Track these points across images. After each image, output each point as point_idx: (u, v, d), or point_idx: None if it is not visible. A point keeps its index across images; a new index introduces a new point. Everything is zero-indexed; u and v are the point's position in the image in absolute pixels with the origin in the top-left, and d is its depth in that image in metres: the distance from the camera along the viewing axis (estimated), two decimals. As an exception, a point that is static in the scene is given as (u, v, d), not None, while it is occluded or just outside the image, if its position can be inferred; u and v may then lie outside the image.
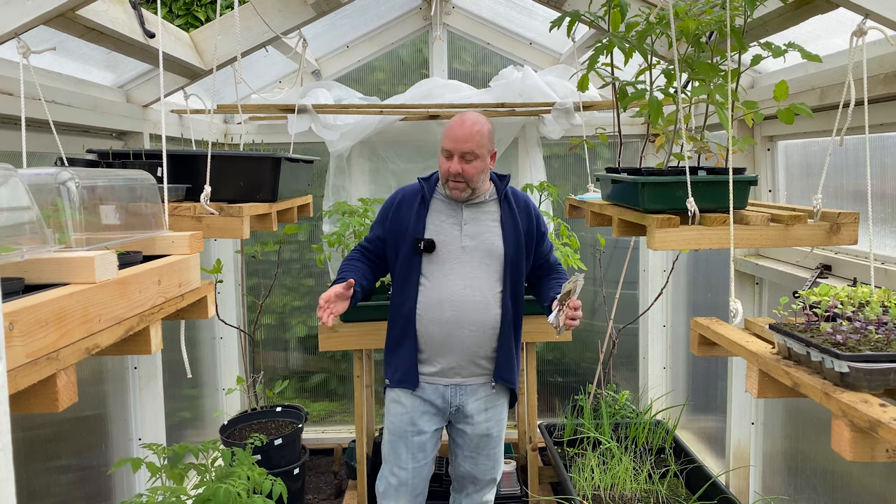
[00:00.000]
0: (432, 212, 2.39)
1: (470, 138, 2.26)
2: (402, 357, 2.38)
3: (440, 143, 2.32)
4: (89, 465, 2.65)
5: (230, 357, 4.10)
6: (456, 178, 2.29)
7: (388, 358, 2.45)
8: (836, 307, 1.45)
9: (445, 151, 2.29)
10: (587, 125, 3.67)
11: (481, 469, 2.48)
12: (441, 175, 2.35)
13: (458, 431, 2.46)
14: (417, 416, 2.39)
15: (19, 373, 1.02)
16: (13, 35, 1.81)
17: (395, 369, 2.41)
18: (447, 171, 2.29)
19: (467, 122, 2.28)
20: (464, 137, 2.26)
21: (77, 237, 1.36)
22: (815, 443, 2.53)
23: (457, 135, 2.27)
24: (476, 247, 2.34)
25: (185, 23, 4.92)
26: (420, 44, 4.14)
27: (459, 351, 2.34)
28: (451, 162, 2.28)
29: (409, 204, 2.40)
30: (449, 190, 2.34)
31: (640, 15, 2.14)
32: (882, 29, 1.63)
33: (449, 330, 2.31)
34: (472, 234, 2.35)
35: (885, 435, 1.08)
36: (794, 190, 2.75)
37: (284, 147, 3.64)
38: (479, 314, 2.31)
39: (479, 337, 2.33)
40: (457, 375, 2.36)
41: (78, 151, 2.41)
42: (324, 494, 3.77)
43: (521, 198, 2.47)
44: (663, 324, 4.04)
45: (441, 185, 2.41)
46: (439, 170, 2.36)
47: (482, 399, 2.40)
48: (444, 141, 2.29)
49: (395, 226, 2.39)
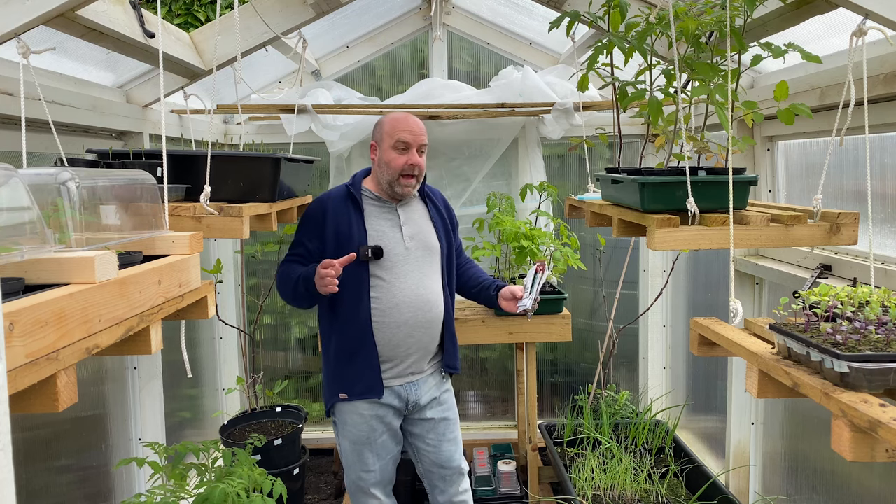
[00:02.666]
0: (368, 216, 2.35)
1: (423, 131, 2.31)
2: (362, 367, 2.33)
3: (389, 138, 2.28)
4: (89, 466, 2.65)
5: (230, 357, 4.10)
6: (413, 173, 2.29)
7: (340, 371, 2.37)
8: (836, 307, 1.45)
9: (402, 144, 2.26)
10: (587, 125, 3.67)
11: (445, 455, 2.49)
12: (392, 170, 2.29)
13: (416, 423, 2.47)
14: (377, 422, 2.38)
15: (19, 373, 1.02)
16: (13, 35, 1.81)
17: (353, 381, 2.35)
18: (405, 164, 2.27)
19: (412, 117, 2.31)
20: (420, 130, 2.29)
21: (77, 237, 1.36)
22: (815, 443, 2.53)
23: (414, 127, 2.28)
24: (417, 246, 2.36)
25: (185, 23, 4.92)
26: (420, 44, 4.14)
27: (416, 349, 2.37)
28: (410, 154, 2.27)
29: (341, 211, 2.34)
30: (401, 186, 2.31)
31: (639, 15, 2.14)
32: (882, 29, 1.63)
33: (407, 331, 2.33)
34: (411, 234, 2.36)
35: (885, 435, 1.08)
36: (794, 190, 2.75)
37: (284, 147, 3.65)
38: (432, 311, 2.36)
39: (432, 332, 2.39)
40: (411, 374, 2.39)
41: (78, 151, 2.41)
42: (324, 494, 3.77)
43: (436, 192, 2.55)
44: (663, 324, 4.04)
45: (379, 185, 2.36)
46: (389, 165, 2.29)
47: (434, 386, 2.46)
48: (400, 133, 2.26)
49: (333, 236, 2.32)
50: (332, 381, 2.40)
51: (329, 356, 2.41)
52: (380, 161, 2.34)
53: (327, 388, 2.43)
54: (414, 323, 2.33)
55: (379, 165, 2.34)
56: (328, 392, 2.43)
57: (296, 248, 2.40)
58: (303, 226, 2.41)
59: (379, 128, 2.35)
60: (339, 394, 2.38)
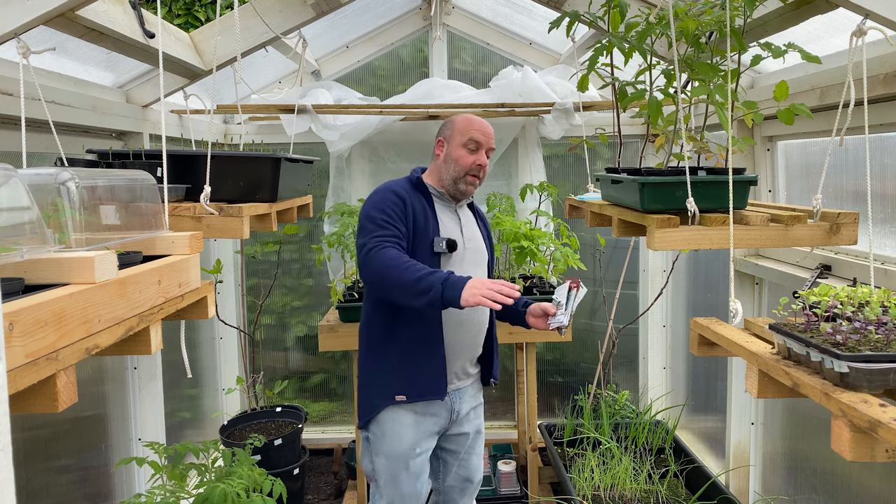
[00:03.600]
0: (437, 211, 2.28)
1: (493, 134, 2.28)
2: (431, 364, 2.20)
3: (460, 136, 2.23)
4: (89, 466, 2.65)
5: (230, 357, 4.10)
6: (479, 174, 2.25)
7: (402, 371, 2.21)
8: (836, 307, 1.45)
9: (473, 143, 2.22)
10: (587, 125, 3.67)
11: (472, 468, 2.44)
12: (460, 168, 2.23)
13: (452, 439, 2.39)
14: (423, 436, 2.26)
15: (19, 373, 1.02)
16: (13, 35, 1.81)
17: (416, 381, 2.20)
18: (472, 164, 2.22)
19: (484, 120, 2.27)
20: (491, 133, 2.26)
21: (77, 237, 1.36)
22: (815, 443, 2.53)
23: (486, 130, 2.25)
24: (473, 248, 2.32)
25: (185, 23, 4.92)
26: (420, 44, 4.14)
27: (468, 351, 2.32)
28: (479, 155, 2.23)
29: (416, 200, 2.24)
30: (465, 184, 2.25)
31: (639, 15, 2.14)
32: (882, 29, 1.63)
33: (464, 331, 2.27)
34: (469, 235, 2.32)
35: (885, 435, 1.08)
36: (794, 190, 2.75)
37: (284, 147, 3.64)
38: (483, 314, 2.32)
39: (481, 336, 2.35)
40: (457, 379, 2.33)
41: (78, 151, 2.41)
42: (324, 494, 3.77)
43: (477, 207, 2.50)
44: (663, 324, 4.04)
45: (441, 182, 2.29)
46: (457, 162, 2.23)
47: (471, 397, 2.41)
48: (473, 133, 2.22)
49: (412, 223, 2.21)
50: (388, 383, 2.22)
51: (388, 356, 2.23)
52: (446, 157, 2.26)
53: (377, 392, 2.24)
54: (469, 323, 2.27)
55: (445, 161, 2.27)
56: (378, 395, 2.24)
57: (387, 229, 2.12)
58: (385, 208, 2.16)
59: (449, 125, 2.29)
60: (395, 395, 2.21)
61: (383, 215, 2.15)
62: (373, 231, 2.11)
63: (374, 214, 2.15)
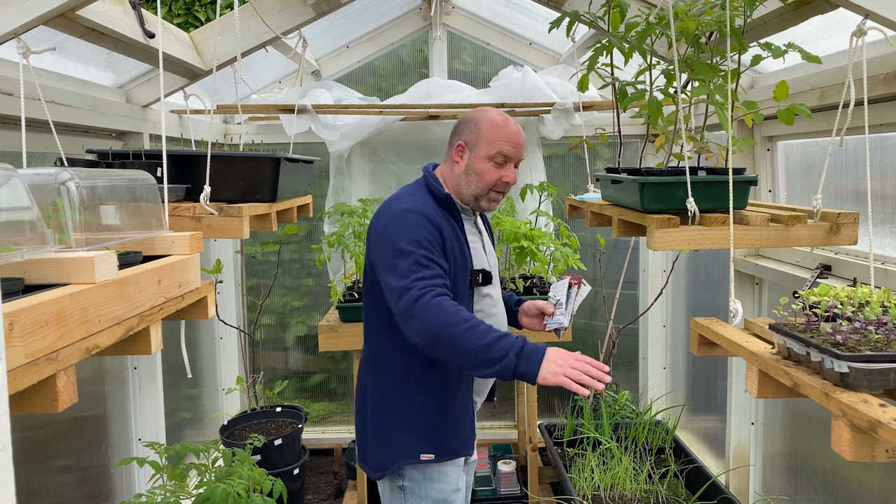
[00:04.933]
0: (466, 232, 1.95)
1: (523, 142, 1.93)
2: (460, 415, 1.91)
3: (486, 146, 1.87)
4: (89, 466, 2.65)
5: (230, 357, 4.10)
6: (505, 190, 1.93)
7: (430, 423, 1.87)
8: (836, 307, 1.45)
9: (501, 156, 1.87)
10: (587, 125, 3.67)
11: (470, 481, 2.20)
12: (483, 184, 1.89)
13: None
14: (461, 479, 1.99)
15: (19, 373, 1.02)
16: (13, 35, 1.81)
17: (446, 436, 1.88)
18: (497, 180, 1.89)
19: (514, 124, 1.92)
20: (522, 142, 1.92)
21: (77, 237, 1.36)
22: (815, 443, 2.53)
23: (518, 140, 1.90)
24: (493, 265, 2.07)
25: (185, 23, 4.92)
26: (420, 44, 4.14)
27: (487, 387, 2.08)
28: (506, 169, 1.89)
29: (445, 225, 1.86)
30: (488, 202, 1.93)
31: (639, 15, 2.14)
32: (882, 29, 1.63)
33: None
34: (489, 251, 2.06)
35: (885, 435, 1.08)
36: (794, 190, 2.75)
37: (284, 147, 3.64)
38: None
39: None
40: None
41: (78, 151, 2.41)
42: (324, 494, 3.77)
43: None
44: (663, 324, 4.04)
45: (459, 194, 1.95)
46: (481, 177, 1.89)
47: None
48: (502, 145, 1.86)
49: (450, 256, 1.85)
50: (414, 437, 1.88)
51: (413, 405, 1.88)
52: (468, 169, 1.90)
53: (401, 444, 1.88)
54: None
55: (466, 173, 1.91)
56: (402, 448, 1.88)
57: (430, 268, 1.73)
58: (421, 240, 1.77)
59: (473, 129, 1.90)
60: (420, 454, 1.86)
61: (422, 250, 1.75)
62: (413, 271, 1.71)
63: (408, 248, 1.74)
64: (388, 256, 1.76)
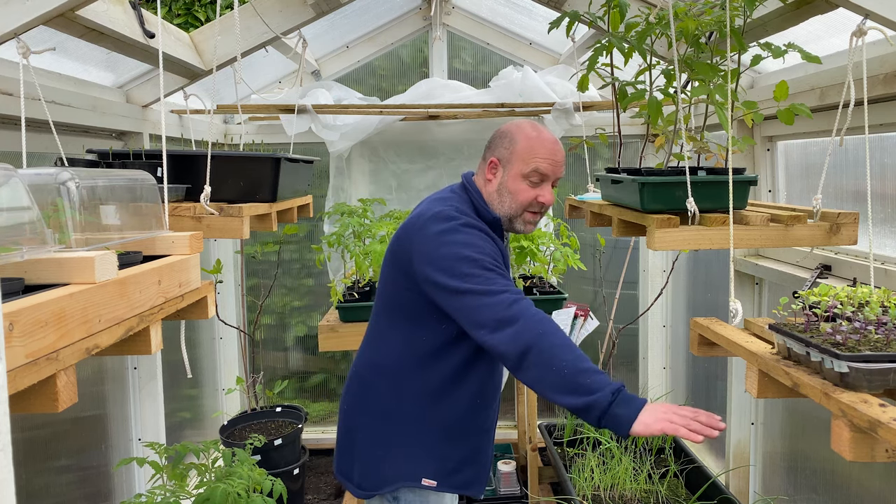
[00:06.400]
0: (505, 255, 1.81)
1: (563, 159, 1.77)
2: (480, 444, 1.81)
3: (521, 163, 1.73)
4: (89, 466, 2.65)
5: (230, 357, 4.10)
6: (541, 210, 1.79)
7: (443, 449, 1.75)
8: (836, 307, 1.45)
9: (537, 175, 1.72)
10: (587, 125, 3.67)
11: None
12: (518, 205, 1.75)
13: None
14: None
15: (19, 373, 1.02)
16: (13, 35, 1.81)
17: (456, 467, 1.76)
18: (532, 200, 1.74)
19: (552, 137, 1.76)
20: (562, 159, 1.76)
21: (77, 237, 1.36)
22: (815, 443, 2.53)
23: (557, 157, 1.74)
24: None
25: (185, 23, 4.92)
26: (420, 44, 4.14)
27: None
28: (543, 189, 1.74)
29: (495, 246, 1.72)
30: (523, 224, 1.79)
31: (639, 15, 2.14)
32: (882, 29, 1.63)
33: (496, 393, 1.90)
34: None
35: (885, 435, 1.08)
36: (794, 190, 2.75)
37: (284, 147, 3.64)
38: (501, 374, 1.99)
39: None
40: None
41: (78, 151, 2.41)
42: (324, 494, 3.76)
43: None
44: (663, 324, 4.04)
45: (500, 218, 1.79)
46: (515, 197, 1.74)
47: None
48: (539, 162, 1.71)
49: None
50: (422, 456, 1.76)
51: (431, 425, 1.76)
52: (501, 187, 1.76)
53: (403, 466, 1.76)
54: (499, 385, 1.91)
55: (499, 192, 1.76)
56: (408, 466, 1.75)
57: (507, 278, 1.64)
58: (491, 252, 1.65)
59: (508, 144, 1.75)
60: (422, 478, 1.73)
61: (492, 259, 1.62)
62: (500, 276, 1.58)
63: (475, 256, 1.59)
64: (448, 264, 1.60)
